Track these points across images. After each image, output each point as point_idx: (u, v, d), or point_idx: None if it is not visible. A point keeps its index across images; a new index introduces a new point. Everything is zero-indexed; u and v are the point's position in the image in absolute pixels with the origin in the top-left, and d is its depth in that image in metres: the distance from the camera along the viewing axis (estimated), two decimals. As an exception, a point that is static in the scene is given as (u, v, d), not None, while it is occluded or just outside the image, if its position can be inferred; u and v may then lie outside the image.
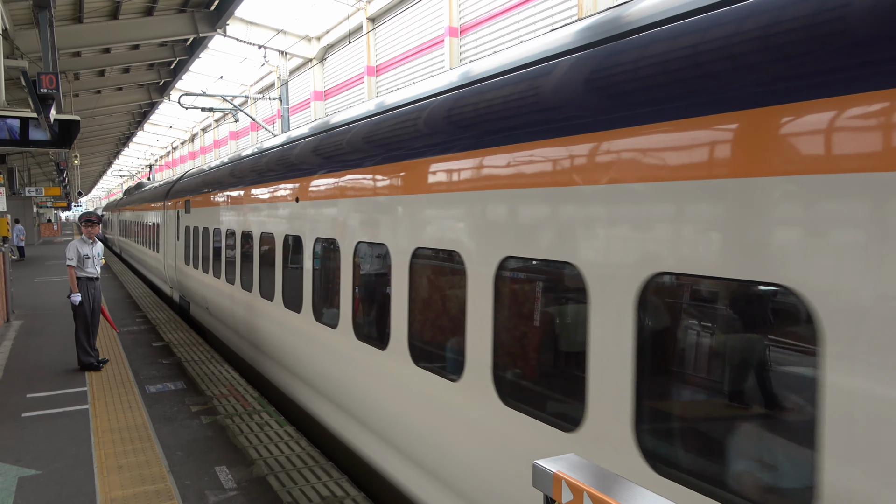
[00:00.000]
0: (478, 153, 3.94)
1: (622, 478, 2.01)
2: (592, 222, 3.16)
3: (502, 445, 3.73)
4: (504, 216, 3.73)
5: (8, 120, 9.66)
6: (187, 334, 11.51)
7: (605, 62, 3.22)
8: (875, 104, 2.09)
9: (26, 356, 9.89)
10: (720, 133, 2.57)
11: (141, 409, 7.22)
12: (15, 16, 13.87)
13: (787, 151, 2.33)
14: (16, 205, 30.49)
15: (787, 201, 2.35)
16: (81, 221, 9.44)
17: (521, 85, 3.79)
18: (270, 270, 7.69)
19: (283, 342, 7.43)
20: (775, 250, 2.38)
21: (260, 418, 6.86)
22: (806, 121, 2.29)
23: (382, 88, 26.05)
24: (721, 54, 2.61)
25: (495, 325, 3.77)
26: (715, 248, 2.59)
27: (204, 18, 19.05)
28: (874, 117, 2.10)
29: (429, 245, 4.47)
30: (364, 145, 5.59)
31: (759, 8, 2.54)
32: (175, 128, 53.97)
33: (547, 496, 2.03)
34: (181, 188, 14.62)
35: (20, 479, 5.48)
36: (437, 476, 4.40)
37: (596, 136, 3.11)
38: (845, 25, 2.23)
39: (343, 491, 5.09)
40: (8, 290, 13.43)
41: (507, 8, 18.95)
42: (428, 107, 4.69)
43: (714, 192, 2.57)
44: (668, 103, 2.75)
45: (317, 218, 6.41)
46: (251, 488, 5.24)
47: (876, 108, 2.09)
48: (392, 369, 4.91)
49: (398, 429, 4.94)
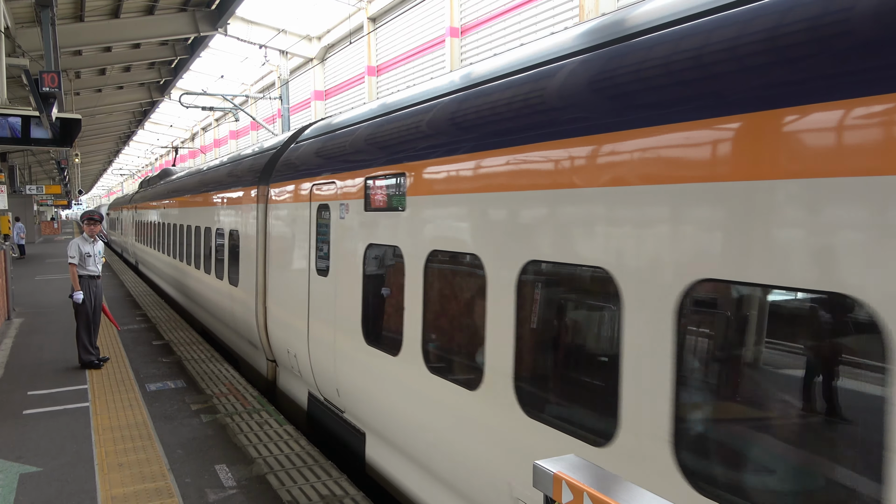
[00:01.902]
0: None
1: (622, 478, 2.02)
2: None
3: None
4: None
5: (9, 118, 9.70)
6: (187, 333, 11.51)
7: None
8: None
9: (27, 354, 9.90)
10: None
11: (141, 407, 7.24)
12: (17, 14, 13.88)
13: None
14: (16, 203, 30.48)
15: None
16: (83, 220, 9.45)
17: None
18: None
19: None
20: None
21: (260, 417, 6.87)
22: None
23: (383, 89, 26.06)
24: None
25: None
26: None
27: (205, 17, 19.08)
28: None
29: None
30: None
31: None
32: (176, 126, 53.96)
33: (547, 496, 2.04)
34: (337, 148, 6.52)
35: (21, 476, 5.50)
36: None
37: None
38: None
39: (342, 490, 5.10)
40: (9, 288, 13.44)
41: (509, 8, 18.96)
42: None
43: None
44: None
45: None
46: (251, 487, 5.26)
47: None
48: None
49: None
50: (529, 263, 3.54)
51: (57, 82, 9.01)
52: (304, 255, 6.81)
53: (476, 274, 3.99)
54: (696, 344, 2.76)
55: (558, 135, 3.36)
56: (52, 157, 30.24)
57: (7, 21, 11.44)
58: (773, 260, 2.37)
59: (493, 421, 3.87)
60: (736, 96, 2.54)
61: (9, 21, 12.00)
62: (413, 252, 4.70)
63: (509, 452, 3.72)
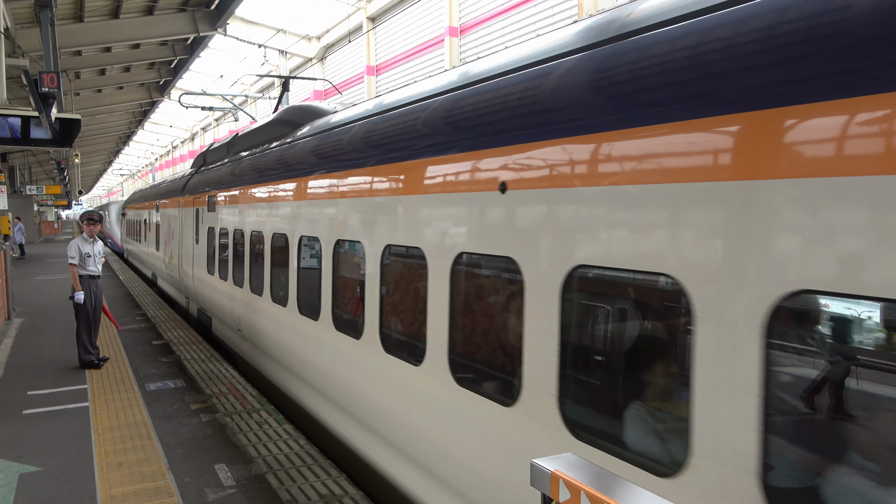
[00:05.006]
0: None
1: (619, 477, 2.03)
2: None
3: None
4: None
5: (9, 118, 9.70)
6: (187, 333, 11.52)
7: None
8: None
9: (27, 354, 9.91)
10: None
11: (141, 407, 7.25)
12: (16, 15, 13.87)
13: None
14: (16, 203, 30.48)
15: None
16: (83, 220, 9.47)
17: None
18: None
19: None
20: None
21: (259, 416, 6.88)
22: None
23: (382, 88, 26.06)
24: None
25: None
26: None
27: (204, 18, 19.08)
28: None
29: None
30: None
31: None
32: (175, 126, 53.95)
33: (545, 495, 2.04)
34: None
35: (21, 475, 5.50)
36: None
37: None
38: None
39: (341, 489, 5.11)
40: (9, 288, 13.44)
41: (508, 8, 18.96)
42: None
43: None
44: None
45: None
46: (250, 486, 5.26)
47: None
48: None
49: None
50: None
51: (56, 82, 9.01)
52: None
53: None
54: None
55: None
56: (52, 158, 30.21)
57: (7, 21, 11.44)
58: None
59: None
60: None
61: (8, 21, 12.00)
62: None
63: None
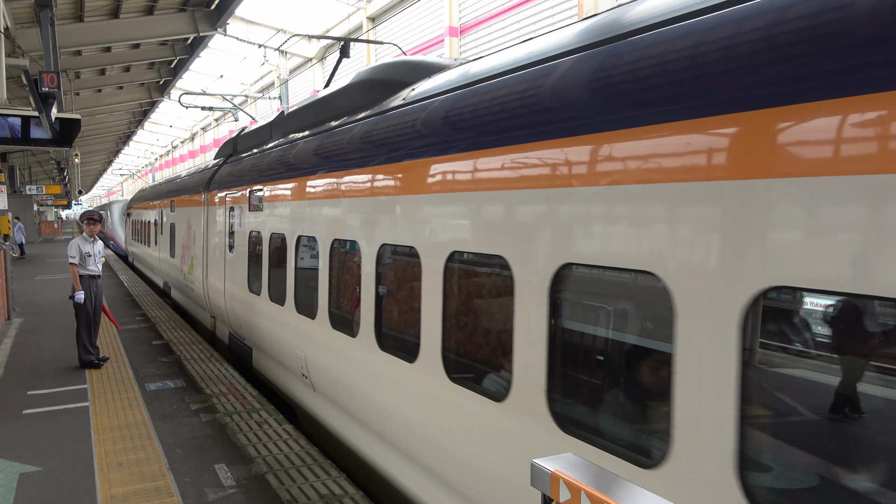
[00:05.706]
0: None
1: (619, 477, 2.03)
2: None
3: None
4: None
5: (9, 118, 9.70)
6: (187, 332, 11.52)
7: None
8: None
9: (27, 353, 9.91)
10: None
11: (141, 407, 7.24)
12: (16, 14, 13.87)
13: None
14: (16, 203, 30.47)
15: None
16: (83, 220, 9.47)
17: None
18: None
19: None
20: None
21: (259, 416, 6.88)
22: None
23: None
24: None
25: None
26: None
27: (204, 17, 19.09)
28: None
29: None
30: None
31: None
32: (175, 126, 53.94)
33: (545, 495, 2.04)
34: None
35: (21, 475, 5.50)
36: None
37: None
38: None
39: (341, 489, 5.11)
40: (9, 288, 13.44)
41: (508, 8, 18.96)
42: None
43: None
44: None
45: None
46: (250, 486, 5.26)
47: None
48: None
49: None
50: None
51: (56, 82, 9.00)
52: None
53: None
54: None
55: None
56: (52, 158, 30.21)
57: (7, 21, 11.43)
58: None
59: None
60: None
61: (8, 21, 11.99)
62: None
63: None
